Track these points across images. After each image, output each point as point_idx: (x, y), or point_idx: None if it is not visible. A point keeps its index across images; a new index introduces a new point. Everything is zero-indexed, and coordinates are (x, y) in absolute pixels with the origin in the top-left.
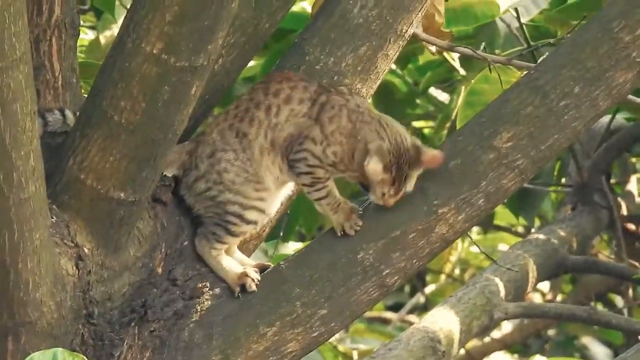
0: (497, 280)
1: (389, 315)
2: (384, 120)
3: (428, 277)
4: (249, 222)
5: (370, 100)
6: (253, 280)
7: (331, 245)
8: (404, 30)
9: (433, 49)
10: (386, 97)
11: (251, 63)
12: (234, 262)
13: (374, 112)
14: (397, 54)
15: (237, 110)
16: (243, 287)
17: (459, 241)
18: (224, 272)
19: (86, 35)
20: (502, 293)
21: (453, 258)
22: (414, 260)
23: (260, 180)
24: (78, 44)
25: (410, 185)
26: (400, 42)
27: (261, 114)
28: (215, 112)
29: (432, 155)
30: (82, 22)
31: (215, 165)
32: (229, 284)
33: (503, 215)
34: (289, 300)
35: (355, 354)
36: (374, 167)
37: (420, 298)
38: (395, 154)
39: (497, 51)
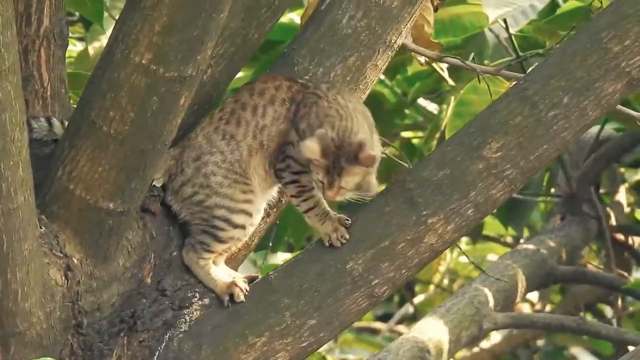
0: (486, 290)
1: (378, 325)
2: (350, 113)
3: (417, 287)
4: (236, 226)
5: None
6: (242, 290)
7: (320, 256)
8: (392, 41)
9: (422, 59)
10: (375, 108)
11: (240, 74)
12: (222, 271)
13: (348, 107)
14: (386, 64)
15: (222, 113)
16: (232, 297)
17: (448, 251)
18: (212, 282)
19: (75, 47)
20: (491, 303)
21: (442, 268)
22: (403, 271)
23: (247, 182)
24: (67, 55)
25: (346, 182)
26: (389, 53)
27: (248, 114)
28: None
29: (367, 155)
30: (70, 34)
31: (202, 168)
32: (217, 294)
33: (492, 225)
34: (278, 311)
35: None
36: (309, 144)
37: (409, 308)
38: (338, 144)
39: (485, 62)
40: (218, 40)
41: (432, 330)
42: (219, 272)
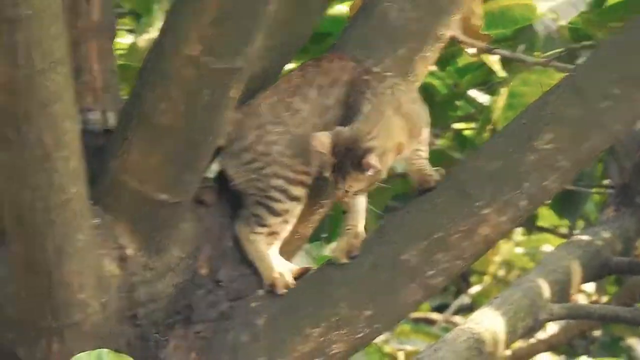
0: (541, 281)
1: (435, 316)
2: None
3: (473, 278)
4: (292, 199)
5: None
6: (285, 285)
7: (374, 247)
8: (442, 33)
9: (471, 51)
10: (427, 100)
11: (290, 66)
12: (277, 257)
13: (385, 107)
14: (436, 56)
15: (288, 84)
16: (272, 287)
17: (502, 242)
18: (259, 262)
19: (124, 39)
20: (547, 294)
21: (497, 259)
22: (458, 261)
23: (308, 157)
24: (118, 47)
25: (350, 186)
26: (439, 45)
27: (313, 92)
28: None
29: (367, 162)
30: (121, 26)
31: (264, 136)
32: (262, 276)
33: (546, 216)
34: (334, 302)
35: (401, 355)
36: (322, 137)
37: (464, 299)
38: (349, 146)
39: (536, 53)
40: (267, 32)
41: (488, 321)
42: (272, 255)
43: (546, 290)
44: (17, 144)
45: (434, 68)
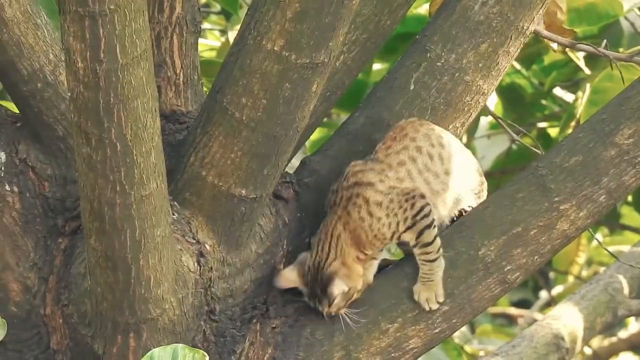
0: (620, 277)
1: (513, 311)
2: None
3: (552, 275)
4: None
5: (498, 103)
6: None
7: (452, 242)
8: (525, 27)
9: (555, 46)
10: (515, 101)
11: (378, 66)
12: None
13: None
14: (518, 51)
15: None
16: None
17: (586, 242)
18: None
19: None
20: (626, 290)
21: (581, 260)
22: (536, 257)
23: None
24: (209, 47)
25: (334, 308)
26: (522, 39)
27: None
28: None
29: (330, 290)
30: (212, 25)
31: None
32: None
33: (630, 216)
34: (411, 297)
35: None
36: (286, 272)
37: (545, 297)
38: (313, 274)
39: (620, 49)
40: (350, 27)
41: (567, 317)
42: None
43: (625, 286)
44: (98, 139)
45: (519, 66)
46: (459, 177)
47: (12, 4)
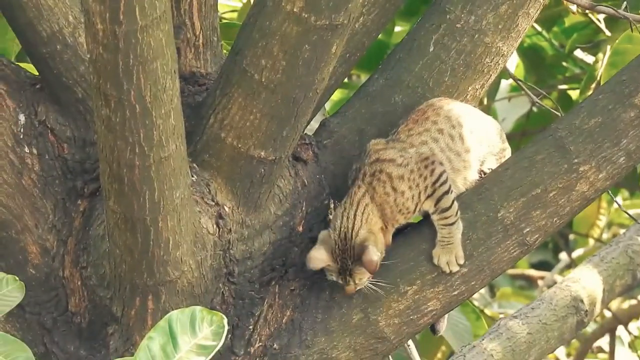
0: None
1: (533, 272)
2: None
3: (572, 237)
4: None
5: (519, 65)
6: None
7: (471, 204)
8: None
9: (574, 8)
10: (536, 62)
11: (399, 28)
12: None
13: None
14: (538, 12)
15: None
16: None
17: (606, 205)
18: None
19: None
20: None
21: (601, 223)
22: (555, 219)
23: None
24: (232, 9)
25: (360, 279)
26: (541, 1)
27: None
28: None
29: (368, 259)
30: None
31: None
32: None
33: None
34: (429, 259)
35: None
36: (313, 254)
37: (565, 259)
38: (341, 247)
39: None
40: None
41: (586, 279)
42: None
43: None
44: (117, 101)
45: (540, 28)
46: (478, 148)
47: None
